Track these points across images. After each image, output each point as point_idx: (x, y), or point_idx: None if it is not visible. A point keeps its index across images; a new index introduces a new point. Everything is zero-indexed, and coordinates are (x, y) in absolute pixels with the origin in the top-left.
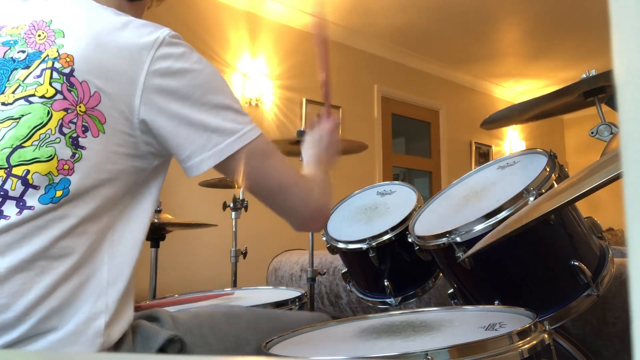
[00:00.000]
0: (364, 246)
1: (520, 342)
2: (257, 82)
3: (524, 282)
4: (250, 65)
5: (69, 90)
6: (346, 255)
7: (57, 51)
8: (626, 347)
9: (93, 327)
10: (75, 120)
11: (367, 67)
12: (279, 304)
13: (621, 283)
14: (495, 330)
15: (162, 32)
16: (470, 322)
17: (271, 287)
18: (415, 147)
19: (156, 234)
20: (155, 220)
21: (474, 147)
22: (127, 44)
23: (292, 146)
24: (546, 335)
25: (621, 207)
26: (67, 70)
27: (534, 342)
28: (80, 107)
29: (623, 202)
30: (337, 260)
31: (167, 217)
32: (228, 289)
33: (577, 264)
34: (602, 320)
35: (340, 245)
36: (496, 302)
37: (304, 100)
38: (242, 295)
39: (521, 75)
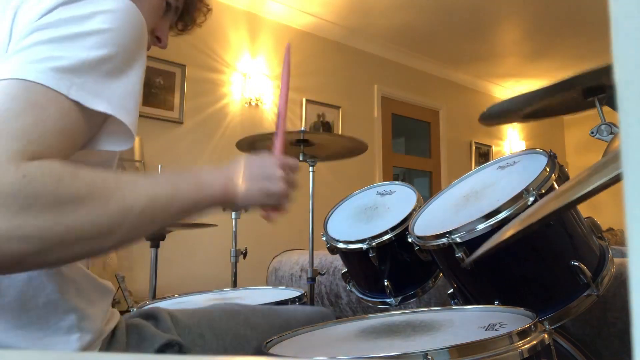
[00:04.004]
0: (364, 246)
1: (520, 342)
2: (257, 82)
3: (524, 282)
4: (250, 65)
5: None
6: (346, 255)
7: None
8: (626, 347)
9: (66, 320)
10: None
11: (367, 67)
12: (278, 304)
13: (621, 283)
14: (495, 330)
15: None
16: (470, 322)
17: (271, 287)
18: (415, 147)
19: (156, 234)
20: None
21: (474, 147)
22: None
23: (292, 147)
24: (546, 335)
25: (621, 207)
26: None
27: (534, 342)
28: None
29: (623, 202)
30: (337, 260)
31: None
32: (227, 289)
33: (577, 264)
34: (602, 320)
35: (340, 245)
36: (496, 302)
37: (304, 100)
38: (242, 295)
39: (521, 75)
